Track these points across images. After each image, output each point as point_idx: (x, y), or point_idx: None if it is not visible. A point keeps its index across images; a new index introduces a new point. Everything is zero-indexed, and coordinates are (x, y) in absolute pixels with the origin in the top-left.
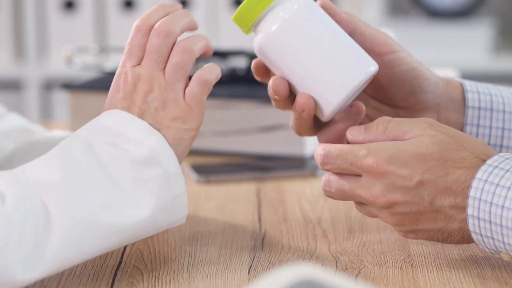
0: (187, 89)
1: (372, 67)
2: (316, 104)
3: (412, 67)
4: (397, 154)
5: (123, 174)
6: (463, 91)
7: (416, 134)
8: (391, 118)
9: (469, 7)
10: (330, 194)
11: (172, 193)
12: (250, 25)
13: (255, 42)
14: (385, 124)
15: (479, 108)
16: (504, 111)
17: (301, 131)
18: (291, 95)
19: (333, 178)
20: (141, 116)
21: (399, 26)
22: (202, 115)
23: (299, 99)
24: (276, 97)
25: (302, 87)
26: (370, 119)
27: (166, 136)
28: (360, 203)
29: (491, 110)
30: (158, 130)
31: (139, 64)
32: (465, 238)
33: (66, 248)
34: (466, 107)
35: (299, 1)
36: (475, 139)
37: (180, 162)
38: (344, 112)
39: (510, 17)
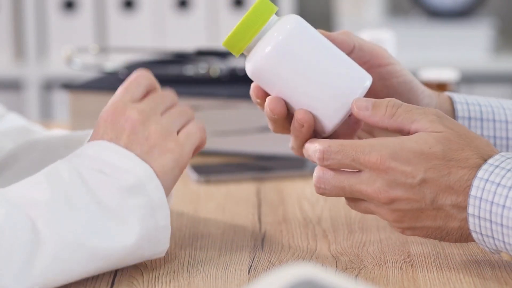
0: (185, 128)
1: (367, 81)
2: (315, 121)
3: (408, 79)
4: (400, 151)
5: (110, 200)
6: (452, 102)
7: (424, 126)
8: (401, 102)
9: (469, 7)
10: (324, 191)
11: (156, 223)
12: (242, 50)
13: (248, 66)
14: (395, 108)
15: (469, 118)
16: (494, 120)
17: (302, 151)
18: (289, 117)
19: (329, 174)
20: (128, 146)
21: (399, 26)
22: (189, 156)
23: (297, 115)
24: (273, 116)
25: (300, 105)
26: (367, 131)
27: (154, 168)
28: (354, 199)
29: (481, 119)
30: (147, 161)
31: (134, 101)
32: (464, 237)
33: (53, 268)
34: (456, 117)
35: (290, 22)
36: (480, 138)
37: (166, 195)
38: (344, 124)
39: (510, 17)
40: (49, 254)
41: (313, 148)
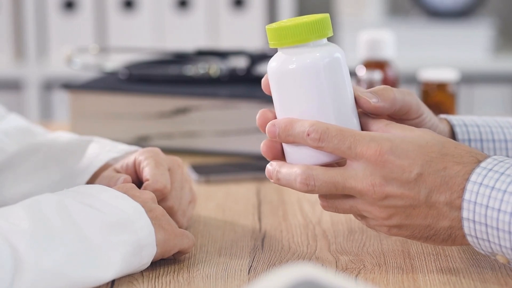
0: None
1: None
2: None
3: (431, 123)
4: (400, 144)
5: (94, 233)
6: (450, 125)
7: (417, 133)
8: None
9: (469, 7)
10: (313, 188)
11: (139, 261)
12: (280, 46)
13: (271, 64)
14: (389, 122)
15: (469, 140)
16: (493, 140)
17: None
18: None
19: (319, 170)
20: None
21: (399, 26)
22: (175, 248)
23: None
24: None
25: None
26: None
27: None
28: (337, 198)
29: (481, 140)
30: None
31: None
32: (451, 238)
33: None
34: (457, 140)
35: (327, 54)
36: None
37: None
38: None
39: (510, 17)
40: (29, 281)
41: (307, 126)
